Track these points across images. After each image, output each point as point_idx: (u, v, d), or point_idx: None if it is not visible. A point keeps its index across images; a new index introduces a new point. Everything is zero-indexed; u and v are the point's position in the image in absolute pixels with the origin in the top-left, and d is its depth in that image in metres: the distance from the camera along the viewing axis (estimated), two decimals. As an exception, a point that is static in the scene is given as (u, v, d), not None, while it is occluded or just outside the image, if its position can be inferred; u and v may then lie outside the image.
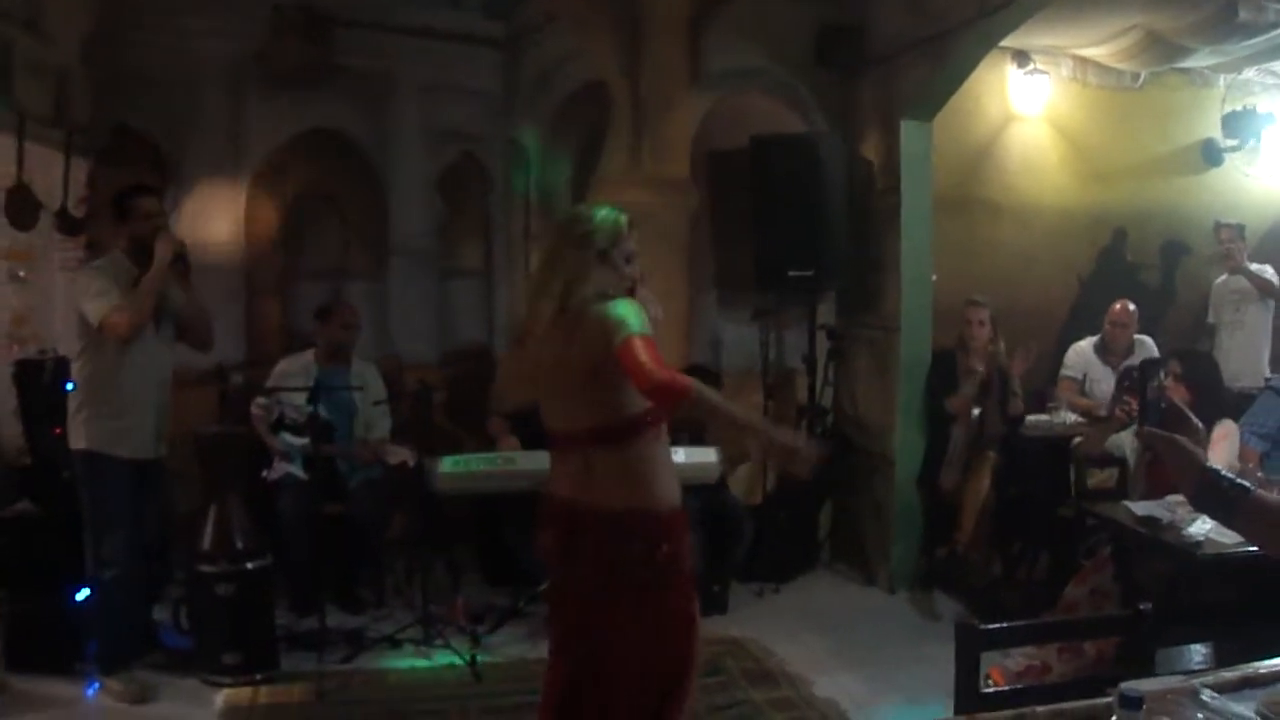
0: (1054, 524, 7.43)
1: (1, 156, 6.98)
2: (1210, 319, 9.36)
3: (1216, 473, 2.96)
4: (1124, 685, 2.39)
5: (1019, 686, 4.45)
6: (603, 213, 4.08)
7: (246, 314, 8.34)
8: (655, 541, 3.91)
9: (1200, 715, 2.46)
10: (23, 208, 7.13)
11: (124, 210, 6.27)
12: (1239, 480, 2.92)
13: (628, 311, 3.82)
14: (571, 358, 3.90)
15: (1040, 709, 2.81)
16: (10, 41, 6.47)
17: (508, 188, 8.79)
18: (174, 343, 6.51)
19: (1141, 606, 3.65)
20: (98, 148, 7.80)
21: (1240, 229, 9.14)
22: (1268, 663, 2.99)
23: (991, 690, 3.62)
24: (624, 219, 4.10)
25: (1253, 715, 2.62)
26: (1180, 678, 2.75)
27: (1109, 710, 2.46)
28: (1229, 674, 2.94)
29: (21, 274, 7.45)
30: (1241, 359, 8.68)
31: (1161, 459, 3.31)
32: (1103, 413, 7.75)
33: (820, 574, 8.72)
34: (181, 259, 6.23)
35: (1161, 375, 5.63)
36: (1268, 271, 8.99)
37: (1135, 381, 6.12)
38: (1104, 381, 8.21)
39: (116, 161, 7.86)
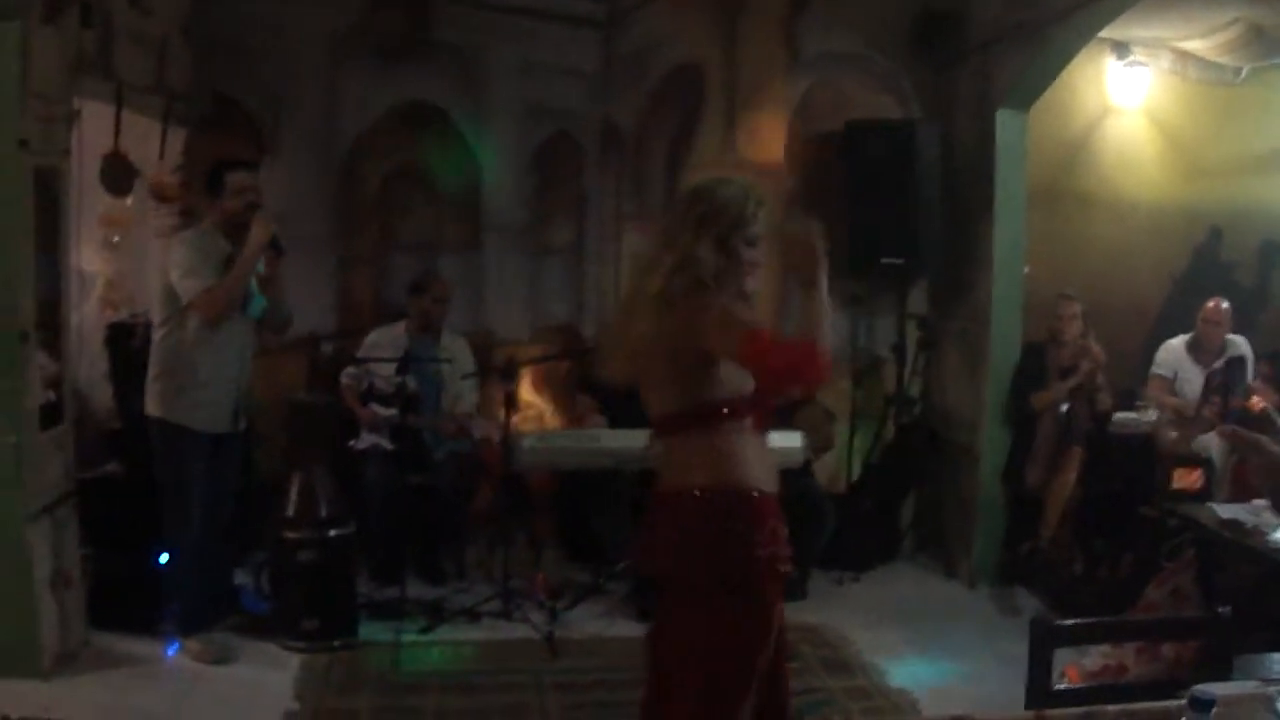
0: (1138, 523, 7.38)
1: (102, 125, 7.10)
2: (1306, 321, 9.25)
3: (1301, 474, 2.95)
4: (1196, 688, 2.39)
5: (1088, 685, 4.42)
6: (729, 191, 3.82)
7: (340, 284, 8.40)
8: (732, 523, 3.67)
9: (1273, 720, 2.46)
10: (119, 174, 7.25)
11: (218, 184, 6.36)
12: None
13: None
14: (662, 343, 3.74)
15: (1110, 708, 2.81)
16: (110, 10, 6.55)
17: (602, 167, 8.79)
18: (258, 321, 6.61)
19: (1220, 610, 3.62)
20: (195, 117, 7.88)
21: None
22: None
23: (1063, 688, 3.60)
24: (752, 200, 3.83)
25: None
26: (1256, 684, 2.74)
27: (1179, 712, 2.46)
28: (1307, 683, 2.94)
29: (116, 239, 7.57)
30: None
31: (1246, 460, 3.31)
32: (1190, 413, 7.69)
33: (901, 565, 8.71)
34: (275, 244, 6.30)
35: (1249, 376, 5.60)
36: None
37: (1218, 382, 6.10)
38: (1195, 381, 8.11)
39: (213, 130, 7.94)
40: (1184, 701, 2.45)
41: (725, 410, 3.72)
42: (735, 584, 3.68)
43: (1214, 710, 2.33)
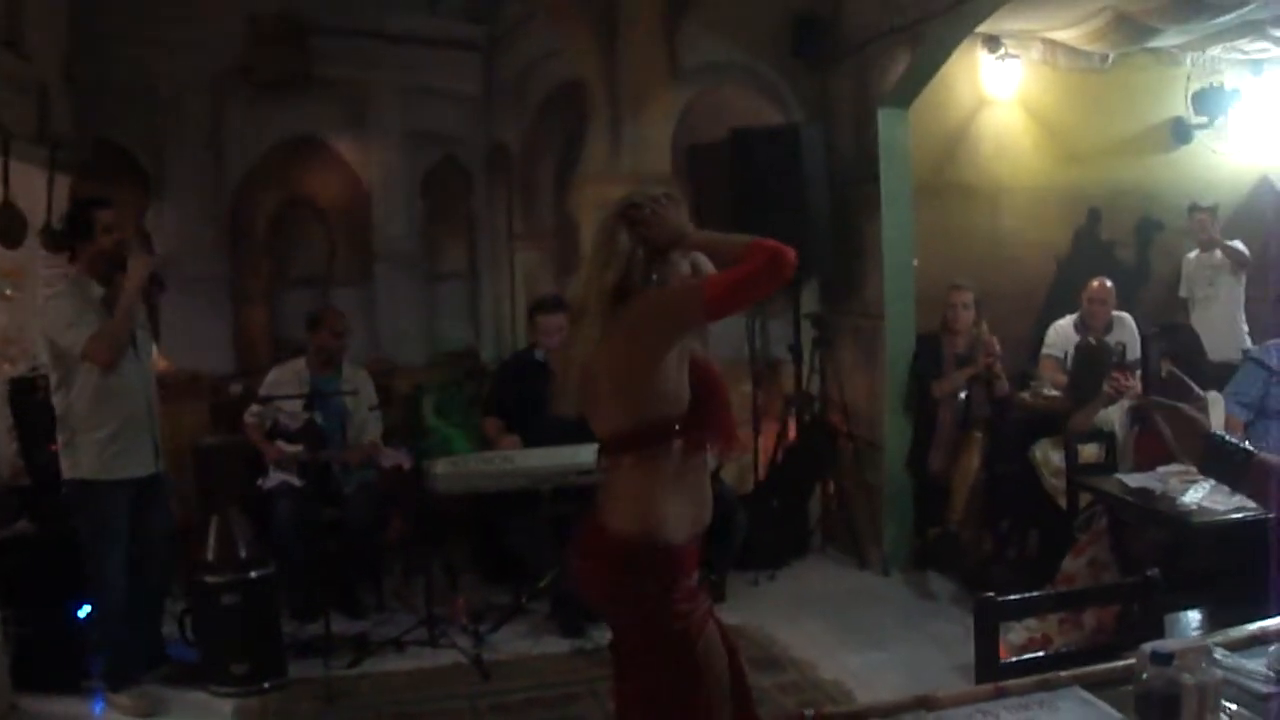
0: (1042, 502, 7.53)
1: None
2: (1183, 293, 9.51)
3: (1222, 438, 3.05)
4: (1152, 644, 2.48)
5: (1036, 655, 4.51)
6: (641, 194, 3.73)
7: (235, 323, 8.34)
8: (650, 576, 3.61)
9: (1219, 672, 2.55)
10: (10, 225, 7.14)
11: (85, 226, 6.24)
12: (1243, 444, 3.02)
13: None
14: (607, 354, 3.63)
15: (1063, 674, 2.90)
16: (-8, 59, 6.50)
17: (490, 188, 8.81)
18: (152, 353, 6.55)
19: (1150, 573, 3.74)
20: (80, 163, 7.79)
21: (1214, 210, 9.31)
22: (1274, 621, 3.09)
23: (1011, 660, 3.69)
24: (663, 195, 3.74)
25: (1265, 670, 2.73)
26: (1195, 638, 2.84)
27: (1128, 672, 2.55)
28: (1238, 633, 3.05)
29: (8, 292, 7.48)
30: (1217, 332, 8.77)
31: (1157, 429, 3.41)
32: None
33: (813, 559, 8.82)
34: (156, 279, 6.27)
35: (1160, 349, 5.76)
36: (1238, 245, 9.17)
37: (1113, 361, 6.27)
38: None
39: (99, 176, 7.84)
40: (1129, 662, 2.55)
41: (675, 428, 3.61)
42: (656, 636, 3.65)
43: (1174, 663, 2.43)
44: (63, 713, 6.25)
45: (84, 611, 6.61)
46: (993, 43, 9.17)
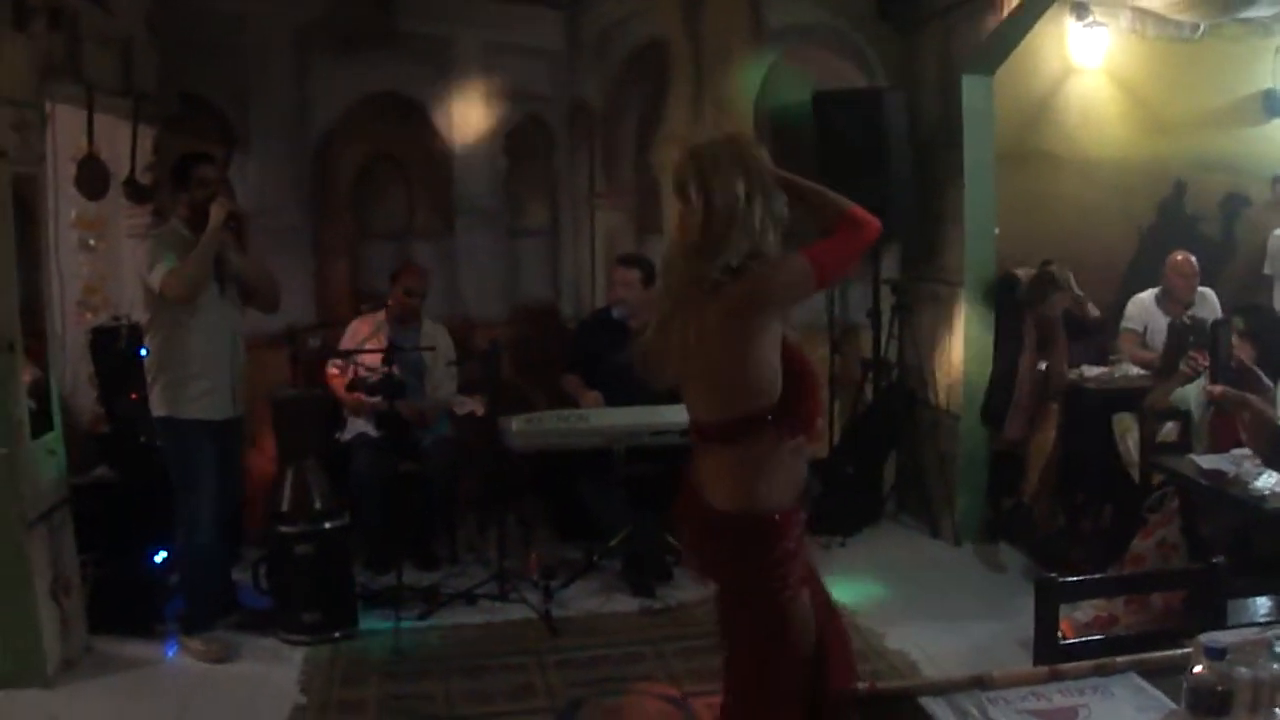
0: (1116, 477, 7.48)
1: (72, 128, 7.11)
2: (1267, 270, 9.33)
3: (1290, 431, 3.02)
4: (1206, 637, 2.46)
5: (1094, 638, 4.51)
6: (744, 142, 3.77)
7: (317, 276, 8.42)
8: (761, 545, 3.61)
9: (1276, 666, 2.52)
10: (93, 178, 7.24)
11: (182, 178, 6.43)
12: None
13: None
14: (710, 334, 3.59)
15: (1120, 659, 2.90)
16: (76, 13, 6.54)
17: (572, 147, 8.82)
18: (241, 305, 6.65)
19: (1215, 560, 3.72)
20: (164, 116, 7.87)
21: (1300, 181, 9.17)
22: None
23: (1070, 641, 3.69)
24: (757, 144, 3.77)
25: (1327, 665, 2.70)
26: (1255, 630, 2.81)
27: (1185, 660, 2.53)
28: (1301, 626, 3.02)
29: (92, 242, 7.59)
30: (1300, 312, 8.65)
31: (1230, 416, 3.39)
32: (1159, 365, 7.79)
33: (885, 526, 8.80)
34: (234, 221, 6.36)
35: (1231, 335, 5.68)
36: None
37: (1204, 339, 6.19)
38: (1165, 334, 8.22)
39: (183, 129, 7.93)
40: (1188, 650, 2.52)
41: (769, 418, 3.57)
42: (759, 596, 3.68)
43: (1227, 657, 2.41)
44: (137, 655, 6.37)
45: (160, 557, 6.74)
46: (1080, 10, 9.04)
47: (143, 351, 6.49)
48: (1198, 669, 2.41)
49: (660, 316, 3.72)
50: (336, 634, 6.56)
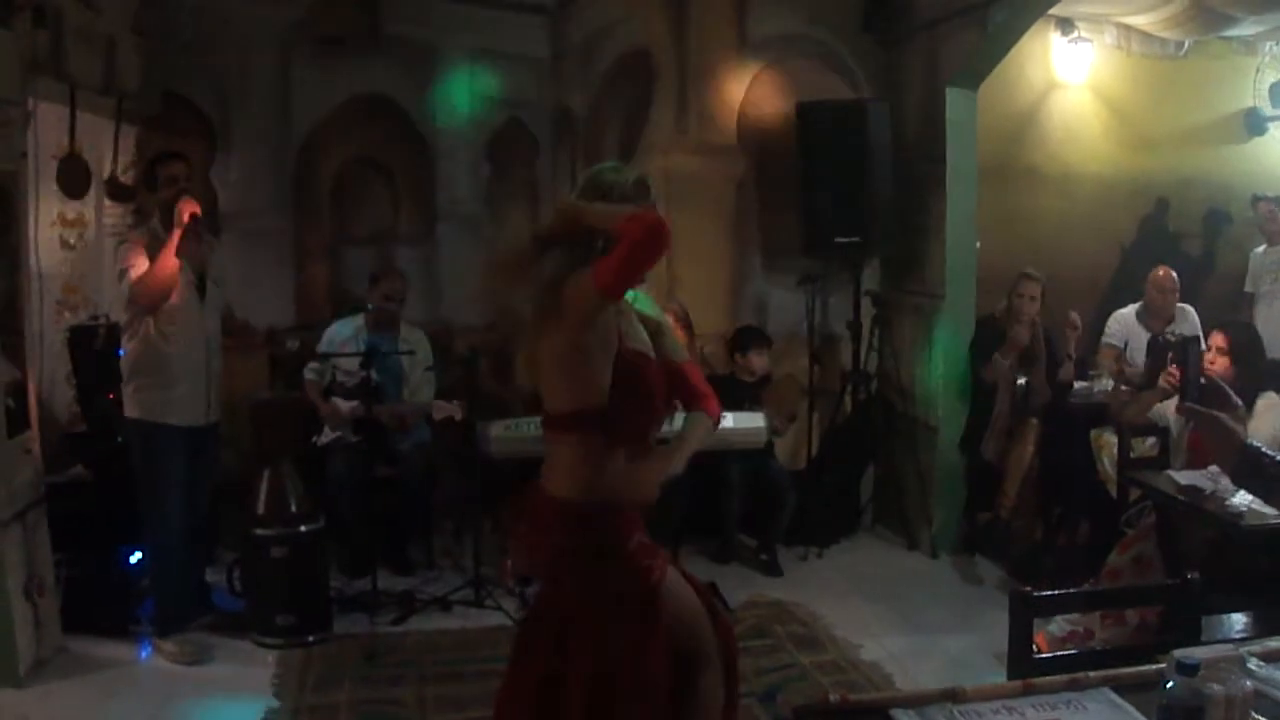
0: (1094, 492, 7.49)
1: (54, 126, 7.08)
2: (1248, 288, 9.37)
3: (1258, 449, 3.02)
4: (1179, 653, 2.46)
5: (1069, 652, 4.51)
6: (612, 175, 3.88)
7: (296, 279, 8.40)
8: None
9: (1248, 683, 2.52)
10: (75, 176, 7.21)
11: (150, 178, 6.41)
12: (1279, 457, 2.98)
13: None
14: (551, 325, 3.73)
15: (1093, 674, 2.89)
16: (61, 10, 6.52)
17: (555, 153, 8.82)
18: (222, 307, 6.62)
19: (1190, 575, 3.71)
20: (147, 115, 7.86)
21: (1279, 201, 9.17)
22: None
23: (1044, 656, 3.68)
24: (633, 176, 3.90)
25: (1300, 683, 2.71)
26: (1228, 646, 2.81)
27: (1159, 675, 2.53)
28: (1274, 643, 3.02)
29: (72, 241, 7.55)
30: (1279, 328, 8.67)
31: (1203, 435, 3.39)
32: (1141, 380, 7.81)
33: (863, 538, 8.82)
34: (195, 220, 6.26)
35: (1202, 351, 5.68)
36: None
37: (1176, 354, 6.20)
38: (1145, 349, 8.25)
39: (166, 128, 7.92)
40: (1162, 665, 2.52)
41: (602, 419, 3.71)
42: (612, 589, 3.76)
43: (1200, 673, 2.41)
44: (110, 656, 6.33)
45: (135, 557, 6.72)
46: (1065, 25, 9.09)
47: (121, 352, 6.45)
48: (1170, 685, 2.41)
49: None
50: (310, 638, 6.53)
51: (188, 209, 6.16)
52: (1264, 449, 2.99)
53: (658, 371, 3.87)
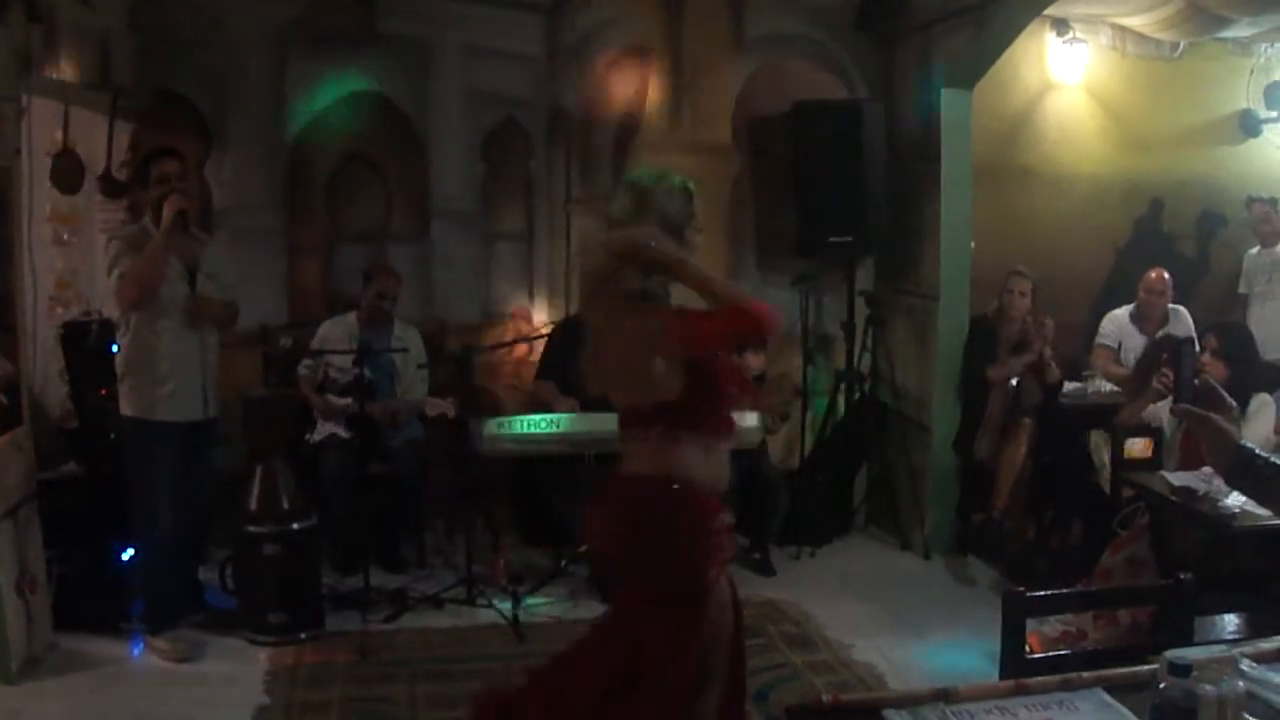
0: (1088, 492, 7.49)
1: (48, 121, 7.07)
2: (1242, 289, 9.39)
3: (1251, 451, 3.00)
4: (1171, 654, 2.45)
5: (1061, 652, 4.51)
6: (671, 185, 4.05)
7: (290, 275, 8.39)
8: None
9: (1241, 684, 2.51)
10: (68, 172, 7.21)
11: (143, 175, 6.39)
12: (1273, 459, 2.97)
13: None
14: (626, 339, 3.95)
15: (1086, 674, 2.89)
16: (55, 5, 6.50)
17: (549, 151, 8.81)
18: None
19: (1182, 576, 3.71)
20: (141, 111, 7.85)
21: (1273, 202, 9.19)
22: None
23: (1036, 656, 3.68)
24: (689, 190, 4.08)
25: (1291, 685, 2.70)
26: (1220, 648, 2.80)
27: (1151, 676, 2.52)
28: (1266, 645, 3.01)
29: (66, 237, 7.54)
30: (1273, 329, 8.65)
31: (1196, 436, 3.38)
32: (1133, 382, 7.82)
33: (855, 538, 8.82)
34: (183, 217, 6.26)
35: (1196, 352, 5.68)
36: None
37: (1170, 356, 6.21)
38: (1139, 350, 8.26)
39: (160, 125, 7.90)
40: (1154, 666, 2.51)
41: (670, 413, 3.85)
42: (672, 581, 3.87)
43: (1192, 674, 2.40)
44: (102, 653, 6.32)
45: (128, 554, 6.71)
46: (1061, 26, 9.10)
47: (114, 348, 6.44)
48: (1163, 685, 2.40)
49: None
50: (302, 635, 6.53)
51: (173, 207, 6.15)
52: (1257, 450, 2.97)
53: (728, 364, 4.05)
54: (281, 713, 5.68)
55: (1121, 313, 8.45)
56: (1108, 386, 8.09)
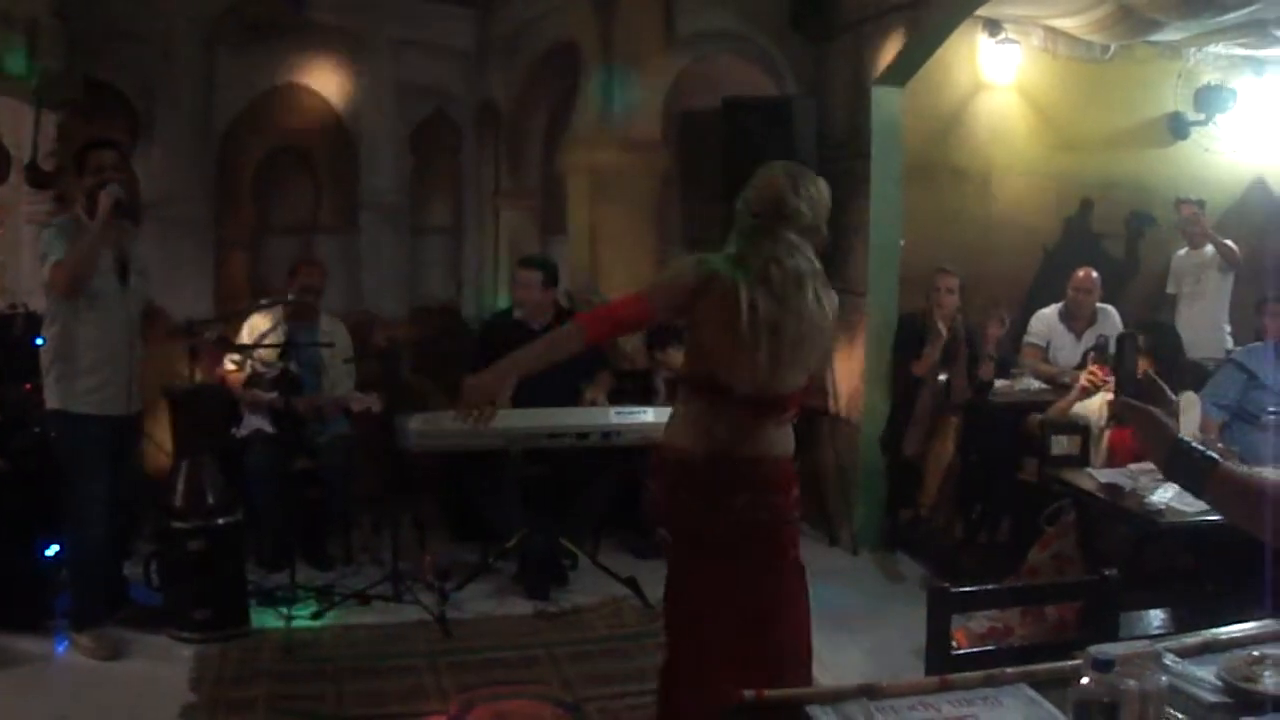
0: (1015, 489, 7.53)
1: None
2: (1170, 289, 9.50)
3: (1188, 444, 3.00)
4: (1094, 648, 2.45)
5: (987, 648, 4.52)
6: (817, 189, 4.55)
7: (216, 268, 8.31)
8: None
9: (1164, 679, 2.51)
10: (-6, 162, 7.13)
11: (77, 164, 6.28)
12: (1209, 452, 2.98)
13: None
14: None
15: (1010, 670, 2.88)
16: (-21, -6, 6.43)
17: (479, 145, 8.78)
18: (144, 297, 6.52)
19: (1107, 572, 3.73)
20: (69, 100, 7.75)
21: (1201, 204, 9.28)
22: (1226, 629, 3.06)
23: (961, 652, 3.68)
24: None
25: (1213, 679, 2.71)
26: (1144, 643, 2.80)
27: (1075, 672, 2.52)
28: (1190, 639, 3.02)
29: (-9, 227, 7.46)
30: (1200, 330, 8.79)
31: (1132, 429, 3.40)
32: (1066, 379, 7.88)
33: (785, 534, 8.78)
34: (121, 207, 6.16)
35: (1138, 348, 5.73)
36: (1229, 243, 9.15)
37: (1111, 353, 6.25)
38: (1067, 349, 8.34)
39: (88, 114, 7.81)
40: (1079, 661, 2.51)
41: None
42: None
43: (1115, 669, 2.40)
44: (25, 651, 6.21)
45: (51, 550, 6.60)
46: (993, 26, 9.15)
47: (38, 341, 6.34)
48: (1085, 680, 2.40)
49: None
50: (228, 632, 6.44)
51: (110, 198, 6.06)
52: (1194, 443, 2.98)
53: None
54: (208, 711, 5.60)
55: (1050, 311, 8.52)
56: (1036, 384, 8.15)
